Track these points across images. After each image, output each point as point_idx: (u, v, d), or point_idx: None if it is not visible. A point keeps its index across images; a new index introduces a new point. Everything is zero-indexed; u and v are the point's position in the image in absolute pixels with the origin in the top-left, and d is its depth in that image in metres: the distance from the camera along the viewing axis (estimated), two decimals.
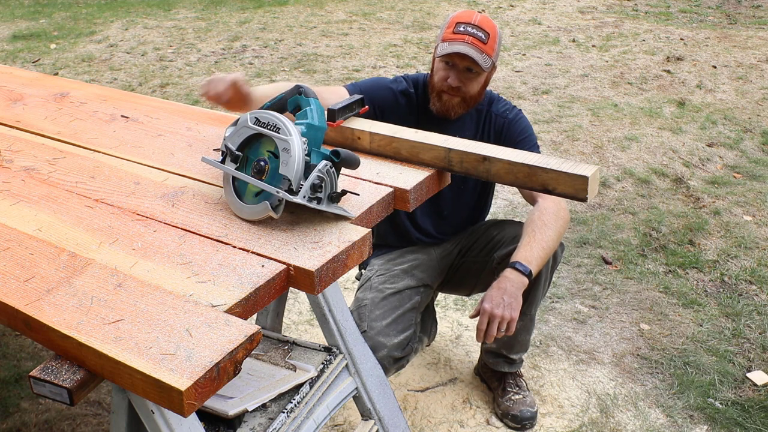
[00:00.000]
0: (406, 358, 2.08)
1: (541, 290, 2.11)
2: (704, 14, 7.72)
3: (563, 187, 1.54)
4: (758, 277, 3.03)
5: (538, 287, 2.09)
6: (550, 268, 2.08)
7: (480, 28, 1.96)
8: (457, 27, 1.96)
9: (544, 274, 2.07)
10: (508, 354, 2.25)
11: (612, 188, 3.85)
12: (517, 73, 5.64)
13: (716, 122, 4.72)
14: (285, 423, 1.58)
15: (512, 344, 2.23)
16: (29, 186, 1.63)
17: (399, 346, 2.03)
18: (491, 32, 1.97)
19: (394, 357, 2.02)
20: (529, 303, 2.13)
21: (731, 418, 2.26)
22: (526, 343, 2.26)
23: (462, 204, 2.22)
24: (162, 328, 1.13)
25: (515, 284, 1.83)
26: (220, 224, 1.44)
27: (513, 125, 2.12)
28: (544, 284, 2.10)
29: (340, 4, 7.97)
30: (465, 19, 1.98)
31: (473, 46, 1.94)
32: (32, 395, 2.34)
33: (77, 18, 7.67)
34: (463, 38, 1.95)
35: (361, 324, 2.03)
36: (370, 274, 2.20)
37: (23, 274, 1.29)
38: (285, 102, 1.63)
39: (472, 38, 1.95)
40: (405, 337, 2.05)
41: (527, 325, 2.19)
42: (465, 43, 1.94)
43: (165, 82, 5.47)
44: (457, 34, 1.95)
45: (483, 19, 1.99)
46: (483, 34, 1.95)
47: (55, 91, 2.33)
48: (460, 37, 1.95)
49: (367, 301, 2.09)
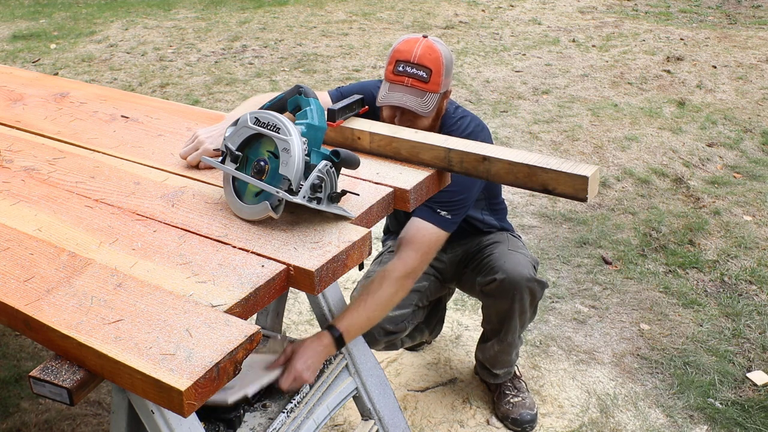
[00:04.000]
0: (399, 335, 2.09)
1: (515, 323, 2.09)
2: (704, 14, 7.72)
3: (563, 187, 1.54)
4: (758, 277, 3.03)
5: (510, 320, 2.08)
6: (527, 304, 2.06)
7: (420, 66, 1.82)
8: (397, 67, 1.84)
9: (516, 310, 2.05)
10: (492, 369, 2.27)
11: (612, 188, 3.85)
12: (517, 73, 5.64)
13: (716, 122, 4.72)
14: (285, 423, 1.58)
15: (494, 361, 2.25)
16: (29, 186, 1.63)
17: (392, 320, 2.04)
18: (434, 66, 1.83)
19: (385, 329, 2.03)
20: (505, 332, 2.13)
21: (731, 418, 2.26)
22: (509, 362, 2.26)
23: None
24: (162, 328, 1.13)
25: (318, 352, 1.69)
26: (220, 224, 1.44)
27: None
28: (520, 316, 2.08)
29: (340, 4, 7.97)
30: (405, 56, 1.83)
31: (413, 89, 1.83)
32: (32, 395, 2.34)
33: (77, 18, 7.67)
34: (402, 80, 1.84)
35: None
36: (383, 250, 2.24)
37: (23, 274, 1.29)
38: (285, 102, 1.63)
39: (412, 80, 1.83)
40: (400, 314, 2.06)
41: (506, 348, 2.19)
42: (404, 87, 1.83)
43: (165, 82, 5.47)
44: (397, 75, 1.84)
45: (425, 50, 1.83)
46: (424, 72, 1.82)
47: (55, 91, 2.33)
48: (399, 79, 1.84)
49: (372, 275, 2.11)
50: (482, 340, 2.28)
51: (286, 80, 5.47)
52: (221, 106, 4.92)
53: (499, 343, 2.17)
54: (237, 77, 5.54)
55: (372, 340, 2.02)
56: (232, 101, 5.02)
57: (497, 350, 2.20)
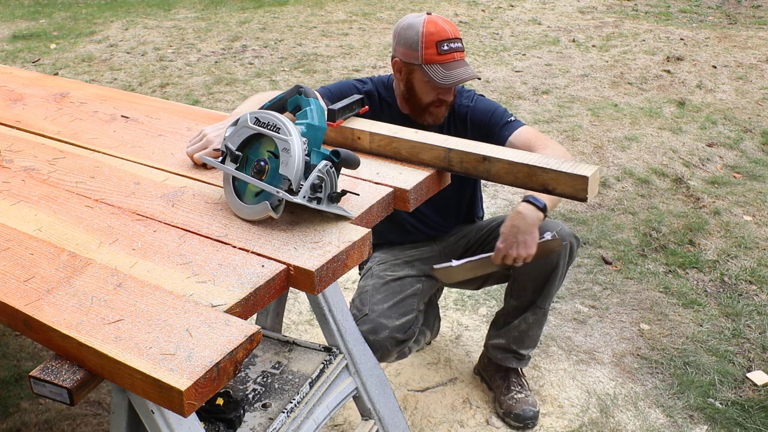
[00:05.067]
0: (408, 342, 2.08)
1: (557, 283, 2.12)
2: (704, 14, 7.72)
3: (563, 187, 1.54)
4: (758, 277, 3.03)
5: (553, 280, 2.09)
6: (566, 262, 2.08)
7: (458, 39, 1.96)
8: (441, 46, 1.93)
9: (561, 267, 2.07)
10: (518, 349, 2.25)
11: (612, 188, 3.85)
12: (517, 73, 5.64)
13: (716, 122, 4.72)
14: (285, 423, 1.59)
15: (523, 339, 2.23)
16: (29, 186, 1.63)
17: (401, 329, 2.03)
18: (459, 33, 1.98)
19: (396, 339, 2.02)
20: (544, 296, 2.13)
21: (731, 418, 2.26)
22: (536, 339, 2.25)
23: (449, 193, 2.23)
24: (162, 328, 1.13)
25: (529, 219, 1.82)
26: (220, 224, 1.44)
27: (475, 110, 2.10)
28: (560, 277, 2.11)
29: (340, 4, 7.97)
30: (443, 35, 1.93)
31: (464, 62, 1.96)
32: (32, 395, 2.34)
33: (77, 18, 7.67)
34: (453, 57, 1.94)
35: (362, 308, 2.04)
36: (372, 264, 2.22)
37: (23, 274, 1.29)
38: (285, 102, 1.63)
39: (459, 53, 1.95)
40: (407, 320, 2.05)
41: (540, 319, 2.19)
42: (458, 63, 1.94)
43: (165, 82, 5.47)
44: (446, 54, 1.93)
45: (451, 25, 1.97)
46: (461, 44, 1.97)
47: (55, 91, 2.33)
48: (449, 56, 1.93)
49: (368, 287, 2.10)
50: (502, 325, 2.25)
51: (286, 80, 5.47)
52: (221, 106, 4.92)
53: (535, 312, 2.15)
54: (237, 77, 5.54)
55: (384, 352, 2.00)
56: (232, 101, 5.02)
57: (531, 322, 2.17)
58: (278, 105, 1.64)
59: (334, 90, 2.08)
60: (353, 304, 2.11)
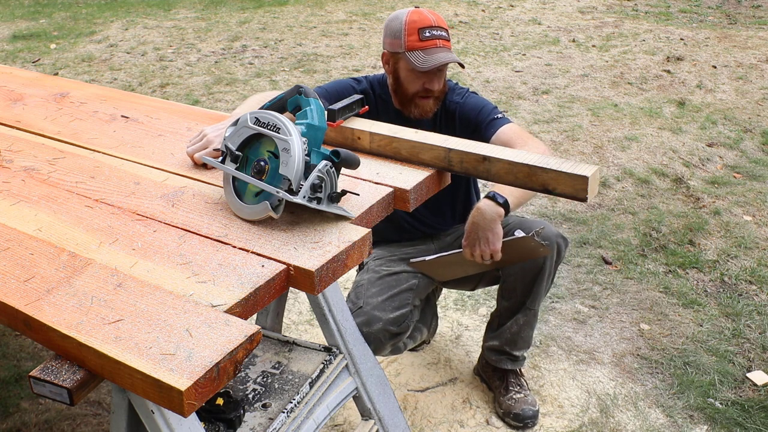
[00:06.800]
0: (402, 336, 2.09)
1: (545, 284, 2.12)
2: (704, 14, 7.72)
3: (563, 187, 1.54)
4: (758, 277, 3.03)
5: (541, 281, 2.10)
6: (554, 263, 2.08)
7: (441, 27, 1.97)
8: (422, 33, 1.95)
9: (548, 267, 2.07)
10: (512, 351, 2.26)
11: (612, 188, 3.85)
12: (517, 73, 5.64)
13: (716, 122, 4.72)
14: (285, 423, 1.58)
15: (515, 341, 2.23)
16: (29, 186, 1.63)
17: (395, 322, 2.03)
18: (446, 26, 1.99)
19: (390, 331, 2.02)
20: (533, 298, 2.14)
21: (731, 418, 2.26)
22: (529, 340, 2.26)
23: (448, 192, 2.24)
24: (162, 328, 1.13)
25: (488, 215, 1.81)
26: (220, 224, 1.44)
27: (464, 106, 2.11)
28: (548, 278, 2.11)
29: (340, 4, 7.97)
30: (425, 23, 1.96)
31: (446, 48, 1.96)
32: (32, 395, 2.34)
33: (77, 18, 7.67)
34: (434, 43, 1.95)
35: (357, 302, 2.05)
36: (368, 260, 2.23)
37: (23, 274, 1.29)
38: (285, 102, 1.63)
39: (442, 41, 1.96)
40: (401, 314, 2.06)
41: (530, 320, 2.20)
42: (438, 48, 1.95)
43: (165, 82, 5.47)
44: (427, 40, 1.95)
45: (435, 14, 1.99)
46: (445, 33, 1.98)
47: (55, 91, 2.33)
48: (430, 43, 1.95)
49: (363, 281, 2.12)
50: (496, 327, 2.27)
51: (286, 80, 5.47)
52: (221, 106, 4.92)
53: (525, 314, 2.16)
54: (237, 77, 5.54)
55: (378, 344, 2.01)
56: (232, 101, 5.02)
57: (522, 323, 2.18)
58: (278, 105, 1.64)
59: (331, 89, 2.09)
60: (349, 297, 2.12)
